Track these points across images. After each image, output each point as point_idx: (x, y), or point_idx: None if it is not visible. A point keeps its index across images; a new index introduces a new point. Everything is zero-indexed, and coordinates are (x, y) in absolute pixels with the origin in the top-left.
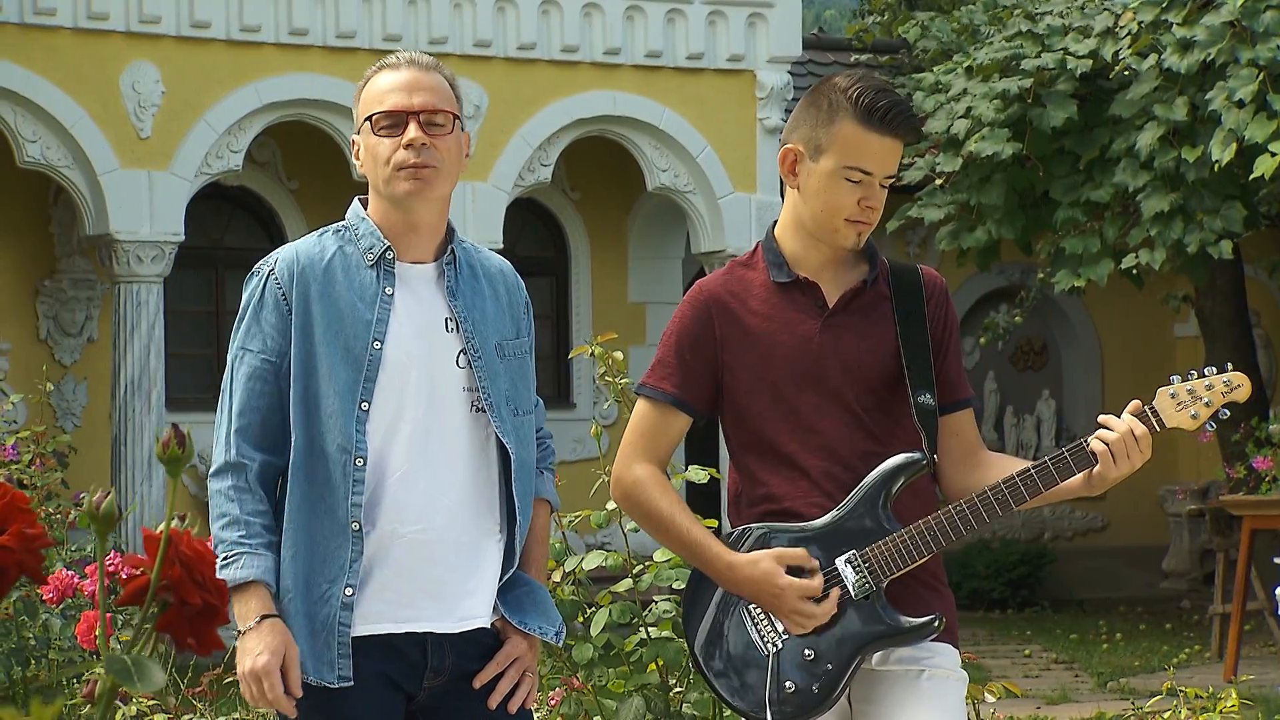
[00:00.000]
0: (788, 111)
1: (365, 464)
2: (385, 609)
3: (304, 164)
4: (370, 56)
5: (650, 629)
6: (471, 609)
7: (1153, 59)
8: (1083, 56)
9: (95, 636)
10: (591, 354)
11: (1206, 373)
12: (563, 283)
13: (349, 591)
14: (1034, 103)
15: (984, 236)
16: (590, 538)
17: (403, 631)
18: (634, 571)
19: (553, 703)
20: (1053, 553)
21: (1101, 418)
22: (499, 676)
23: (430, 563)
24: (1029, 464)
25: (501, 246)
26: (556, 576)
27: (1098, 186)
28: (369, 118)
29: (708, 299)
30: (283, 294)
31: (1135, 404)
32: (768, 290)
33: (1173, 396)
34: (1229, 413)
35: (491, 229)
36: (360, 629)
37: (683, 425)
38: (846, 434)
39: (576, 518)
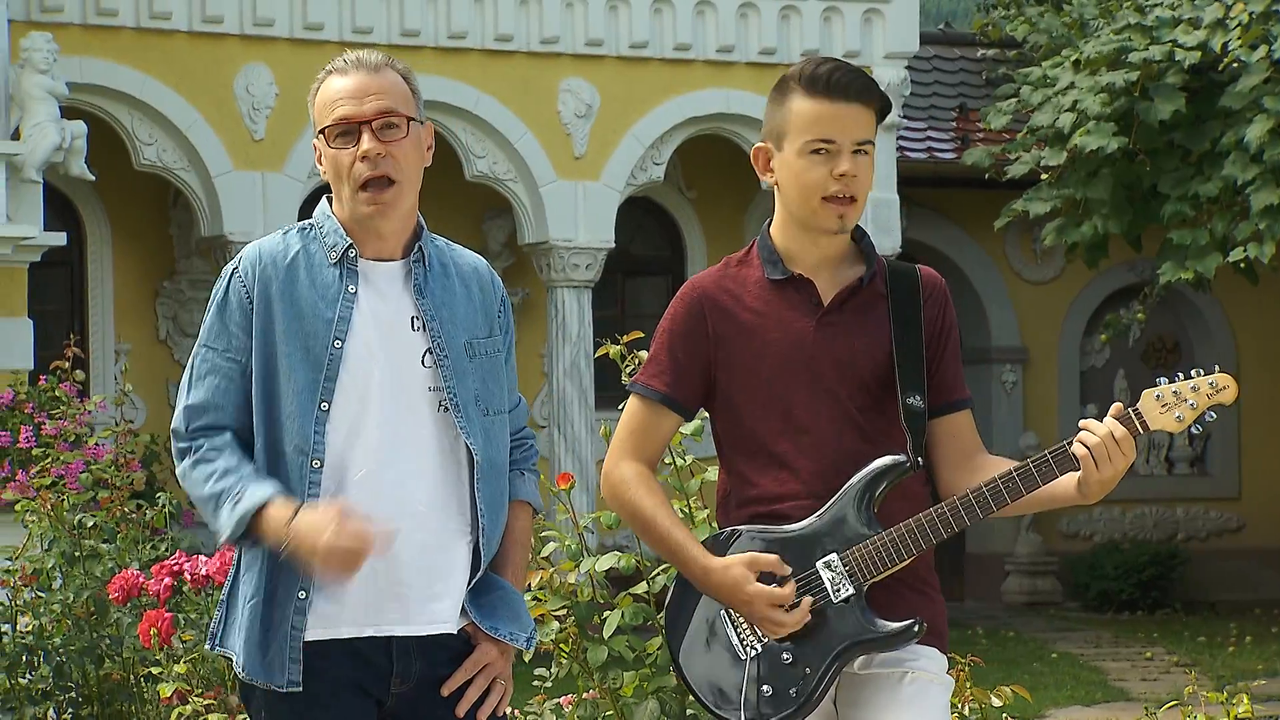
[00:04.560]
0: (905, 106)
1: (322, 466)
2: (347, 613)
3: None
4: (481, 57)
5: None
6: (437, 613)
7: (1263, 50)
8: (1191, 49)
9: (152, 635)
10: (619, 354)
11: (1193, 374)
12: (679, 282)
13: (303, 595)
14: (1141, 96)
15: (1090, 231)
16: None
17: (365, 636)
18: (651, 575)
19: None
20: (1185, 553)
21: (1082, 421)
22: (469, 683)
23: (395, 566)
24: (1016, 465)
25: (614, 245)
26: (572, 578)
27: (1207, 180)
28: (322, 130)
29: (701, 296)
30: (246, 292)
31: (1117, 407)
32: (762, 287)
33: (1158, 398)
34: (1216, 415)
35: (603, 228)
36: (321, 633)
37: (674, 424)
38: (838, 435)
39: (592, 518)
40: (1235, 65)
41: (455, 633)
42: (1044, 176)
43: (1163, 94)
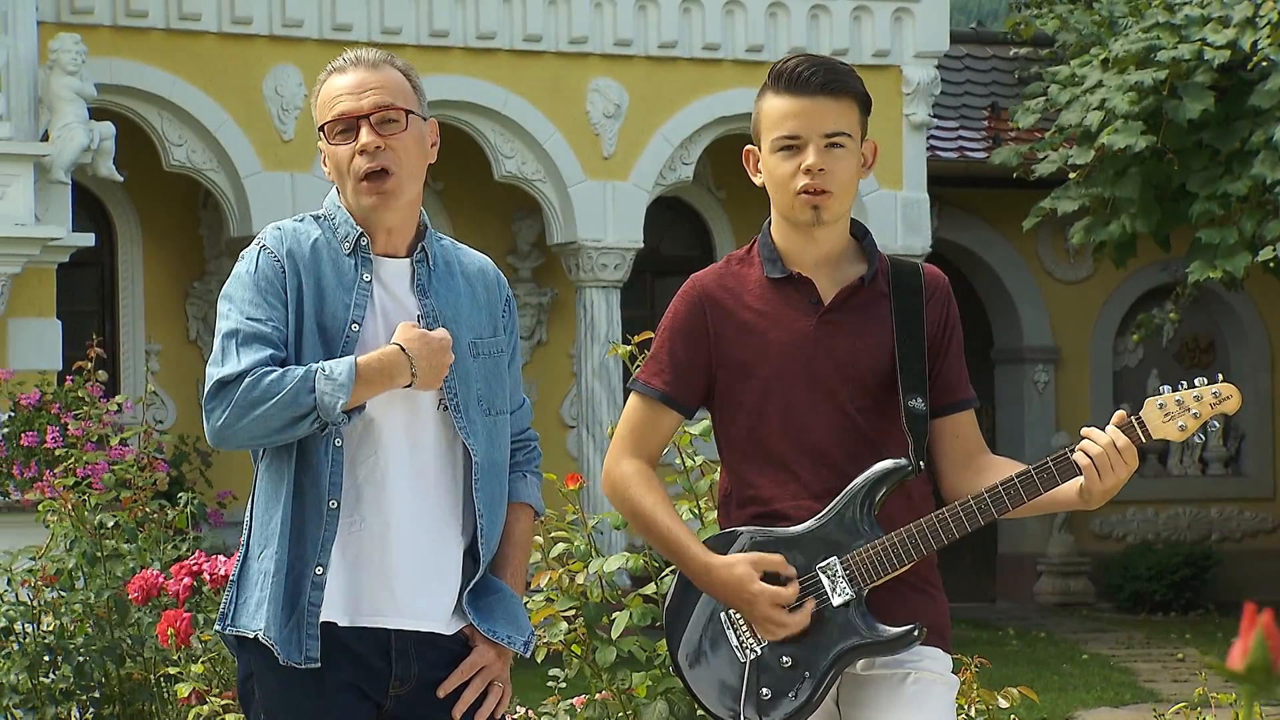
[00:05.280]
0: (936, 106)
1: (342, 444)
2: (342, 600)
3: (448, 165)
4: (510, 57)
5: None
6: (429, 610)
7: None
8: (1220, 47)
9: (170, 634)
10: (628, 355)
11: (1197, 383)
12: None
13: (319, 571)
14: (1170, 95)
15: (1118, 230)
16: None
17: (358, 626)
18: (660, 575)
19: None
20: (1218, 554)
21: (1085, 430)
22: (466, 685)
23: (390, 558)
24: (1018, 471)
25: (643, 246)
26: (581, 579)
27: (1235, 179)
28: (322, 127)
29: (701, 294)
30: (280, 266)
31: (1120, 415)
32: (762, 286)
33: (1160, 407)
34: (1219, 424)
35: (632, 228)
36: (326, 615)
37: (674, 422)
38: (838, 436)
39: (601, 518)
40: (1264, 64)
41: (451, 634)
42: (1072, 175)
43: (1191, 93)
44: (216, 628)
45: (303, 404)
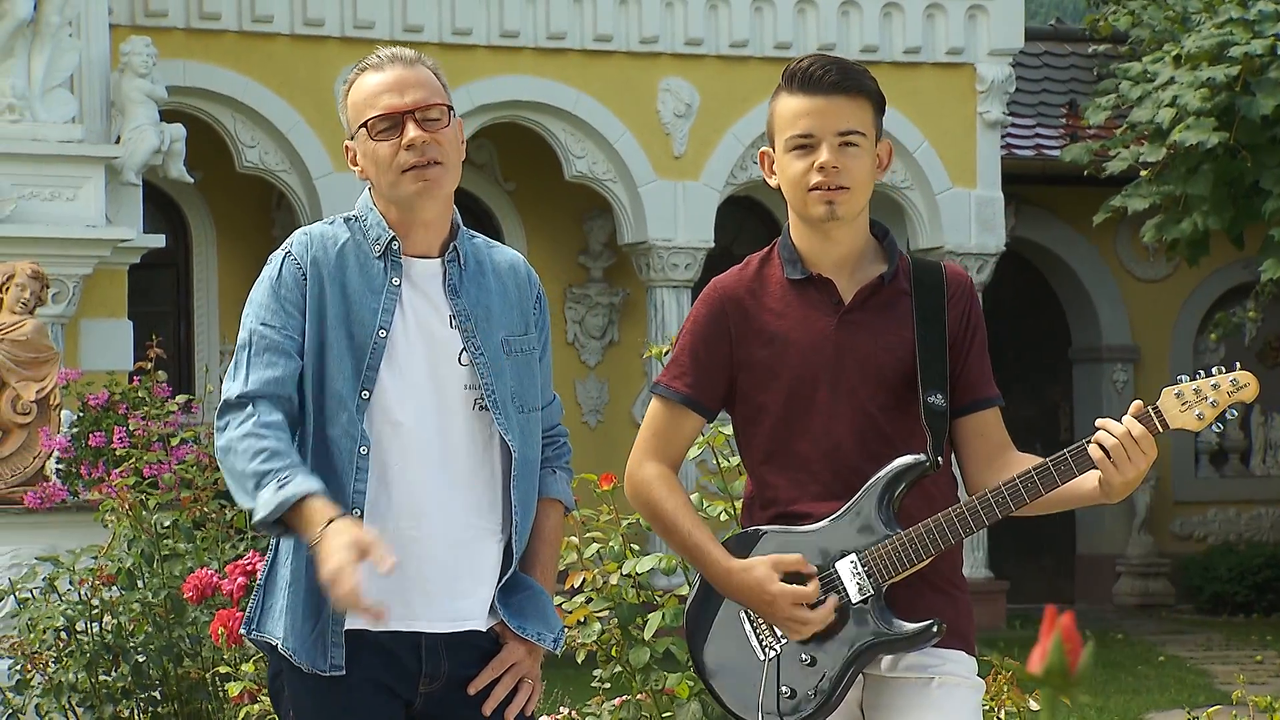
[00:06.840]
0: (1013, 103)
1: (369, 452)
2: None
3: (520, 165)
4: (580, 57)
5: None
6: (465, 610)
7: None
8: None
9: (220, 633)
10: (660, 354)
11: (1214, 372)
12: None
13: None
14: (1242, 91)
15: (1190, 228)
16: None
17: (393, 630)
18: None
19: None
20: None
21: (1099, 421)
22: (496, 682)
23: (424, 561)
24: (1036, 464)
25: (713, 245)
26: (615, 579)
27: None
28: (364, 124)
29: (722, 296)
30: (302, 274)
31: (1137, 405)
32: (783, 288)
33: (1178, 396)
34: (1236, 413)
35: (703, 228)
36: (352, 622)
37: (696, 425)
38: (859, 435)
39: (630, 519)
40: None
41: (484, 630)
42: (1143, 173)
43: (1265, 88)
44: (241, 631)
45: (245, 498)
